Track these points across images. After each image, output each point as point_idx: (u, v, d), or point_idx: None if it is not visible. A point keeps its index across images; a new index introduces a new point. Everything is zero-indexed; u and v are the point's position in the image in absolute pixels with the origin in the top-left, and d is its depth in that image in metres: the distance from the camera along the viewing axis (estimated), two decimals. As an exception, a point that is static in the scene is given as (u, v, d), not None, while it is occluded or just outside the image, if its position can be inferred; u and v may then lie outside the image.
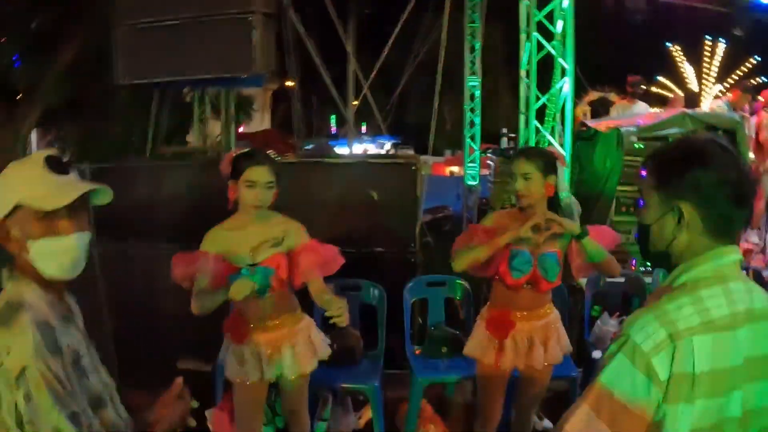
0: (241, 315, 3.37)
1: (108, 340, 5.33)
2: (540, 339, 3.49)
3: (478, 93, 12.62)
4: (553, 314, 3.59)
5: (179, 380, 2.08)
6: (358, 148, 17.70)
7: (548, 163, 3.35)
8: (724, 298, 1.57)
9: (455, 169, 20.11)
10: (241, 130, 18.26)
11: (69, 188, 1.78)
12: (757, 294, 1.65)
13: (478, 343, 3.59)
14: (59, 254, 1.79)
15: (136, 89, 9.26)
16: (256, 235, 3.24)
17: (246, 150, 3.22)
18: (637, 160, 5.90)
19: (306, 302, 3.52)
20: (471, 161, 13.05)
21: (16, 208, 1.75)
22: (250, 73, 5.53)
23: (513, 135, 10.07)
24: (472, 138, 12.96)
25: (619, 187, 5.82)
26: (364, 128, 27.11)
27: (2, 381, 1.59)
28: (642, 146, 5.89)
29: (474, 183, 12.88)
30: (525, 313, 3.48)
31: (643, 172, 1.71)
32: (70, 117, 9.12)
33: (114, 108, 9.49)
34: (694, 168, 1.59)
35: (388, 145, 22.94)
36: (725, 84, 21.51)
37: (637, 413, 1.50)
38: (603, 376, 1.54)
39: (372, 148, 22.37)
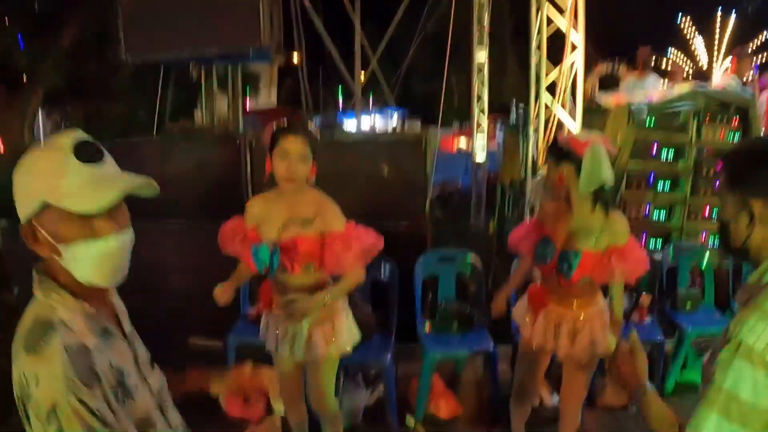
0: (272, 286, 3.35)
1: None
2: (568, 329, 3.40)
3: (485, 66, 12.50)
4: (591, 310, 3.41)
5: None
6: (366, 121, 17.64)
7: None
8: None
9: (463, 144, 20.04)
10: (248, 107, 18.25)
11: (105, 185, 1.53)
12: None
13: (520, 312, 3.64)
14: (98, 259, 1.55)
15: (141, 66, 9.25)
16: (286, 212, 3.13)
17: (281, 123, 3.09)
18: (648, 135, 5.87)
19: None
20: (479, 135, 12.96)
21: (44, 207, 1.49)
22: (258, 47, 5.49)
23: (521, 109, 9.98)
24: (481, 111, 12.86)
25: (630, 163, 5.77)
26: (371, 100, 27.02)
27: (32, 413, 1.43)
28: (653, 122, 5.83)
29: (482, 157, 12.80)
30: (556, 298, 3.44)
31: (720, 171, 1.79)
32: (75, 96, 9.07)
33: (119, 86, 9.44)
34: (763, 167, 1.66)
35: (396, 117, 22.86)
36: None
37: (764, 409, 1.58)
38: (726, 382, 1.60)
39: (380, 120, 22.30)
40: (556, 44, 5.96)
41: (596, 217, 3.24)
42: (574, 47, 5.78)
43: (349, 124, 16.01)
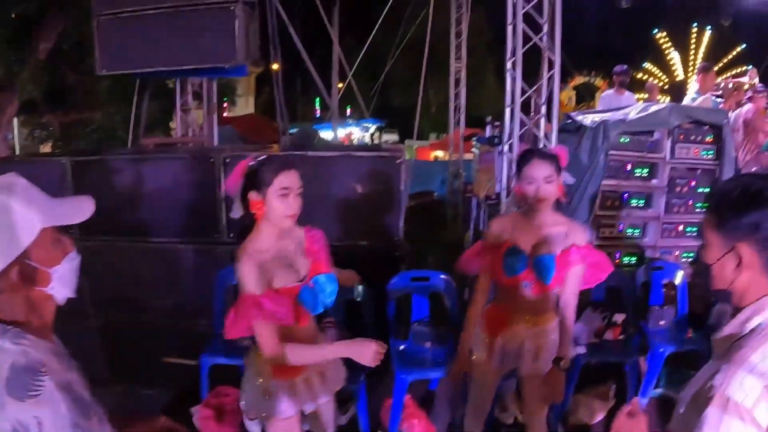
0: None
1: (93, 335, 5.32)
2: (532, 345, 3.46)
3: (463, 78, 12.57)
4: (552, 323, 3.51)
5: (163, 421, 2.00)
6: (342, 132, 17.67)
7: (559, 163, 3.36)
8: None
9: (439, 153, 20.08)
10: (225, 114, 18.19)
11: (74, 199, 1.75)
12: None
13: (474, 337, 3.62)
14: (74, 272, 1.73)
15: (118, 77, 9.19)
16: (294, 246, 2.97)
17: (263, 156, 2.83)
18: (623, 154, 5.91)
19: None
20: (456, 146, 13.03)
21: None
22: (233, 63, 5.49)
23: (498, 123, 10.03)
24: (457, 122, 12.93)
25: (604, 182, 5.81)
26: (348, 111, 27.06)
27: None
28: (628, 140, 5.88)
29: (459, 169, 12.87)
30: (522, 316, 3.47)
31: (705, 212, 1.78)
32: (50, 107, 9.00)
33: (95, 98, 9.38)
34: (752, 210, 1.61)
35: (372, 129, 22.88)
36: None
37: None
38: None
39: (357, 132, 22.31)
40: (533, 61, 6.00)
41: (561, 222, 3.40)
42: (550, 64, 5.81)
43: (326, 136, 15.99)
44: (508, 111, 5.83)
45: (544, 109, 5.85)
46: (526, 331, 3.46)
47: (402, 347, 4.63)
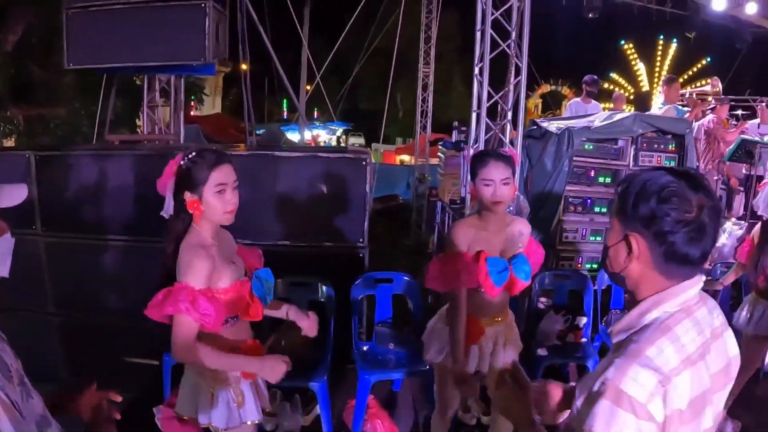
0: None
1: (55, 333, 5.26)
2: (502, 341, 3.53)
3: (431, 83, 12.65)
4: (511, 315, 3.66)
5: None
6: (308, 134, 17.64)
7: (514, 165, 3.37)
8: (694, 329, 1.64)
9: (406, 158, 20.15)
10: (192, 113, 18.06)
11: (4, 188, 1.71)
12: (714, 311, 1.74)
13: (441, 350, 3.57)
14: (6, 254, 1.73)
15: (84, 73, 9.08)
16: (230, 247, 2.88)
17: (193, 152, 2.66)
18: (587, 160, 6.01)
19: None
20: (422, 151, 13.11)
21: None
22: (202, 62, 5.45)
23: (464, 128, 10.10)
24: (424, 127, 13.00)
25: (568, 187, 5.90)
26: (316, 113, 27.03)
27: None
28: (592, 147, 5.98)
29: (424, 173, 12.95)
30: (493, 318, 3.51)
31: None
32: (16, 102, 8.86)
33: (61, 93, 9.26)
34: (650, 204, 1.60)
35: (339, 132, 22.88)
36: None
37: None
38: None
39: (323, 134, 22.29)
40: (501, 67, 6.06)
41: (513, 219, 3.50)
42: (518, 71, 5.88)
43: (293, 138, 15.96)
44: (474, 115, 5.88)
45: (510, 115, 5.90)
46: (497, 329, 3.52)
47: (365, 348, 4.65)
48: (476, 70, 5.86)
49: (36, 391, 1.69)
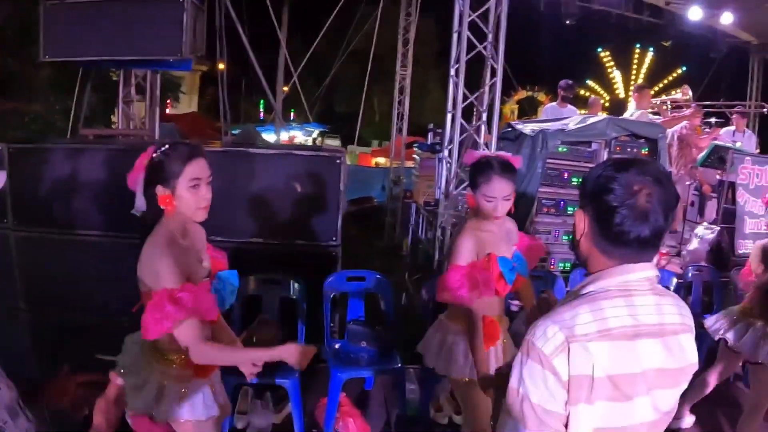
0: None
1: (25, 330, 5.19)
2: (506, 338, 3.55)
3: (408, 86, 12.70)
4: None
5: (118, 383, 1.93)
6: (285, 135, 17.61)
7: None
8: (626, 310, 1.67)
9: (381, 160, 20.18)
10: (168, 111, 17.94)
11: None
12: (669, 308, 1.75)
13: (465, 364, 3.38)
14: None
15: (60, 67, 9.01)
16: (200, 244, 2.79)
17: (167, 145, 2.56)
18: (561, 162, 6.06)
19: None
20: (397, 153, 13.14)
21: None
22: (179, 57, 5.43)
23: (439, 130, 10.16)
24: (400, 130, 13.04)
25: (541, 189, 5.95)
26: (292, 115, 26.94)
27: None
28: (566, 149, 6.03)
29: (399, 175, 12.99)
30: (500, 318, 3.50)
31: None
32: (-11, 93, 8.77)
33: (36, 87, 9.15)
34: (600, 183, 1.68)
35: (315, 133, 22.84)
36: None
37: (555, 412, 1.63)
38: (520, 386, 1.65)
39: (299, 136, 22.21)
40: (476, 69, 6.11)
41: (506, 220, 3.45)
42: (493, 72, 5.92)
43: (269, 138, 15.92)
44: (449, 116, 5.92)
45: (485, 117, 5.95)
46: (503, 329, 3.51)
47: (337, 346, 4.65)
48: (452, 71, 5.90)
49: (7, 382, 1.66)
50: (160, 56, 5.45)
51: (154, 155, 2.53)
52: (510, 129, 6.47)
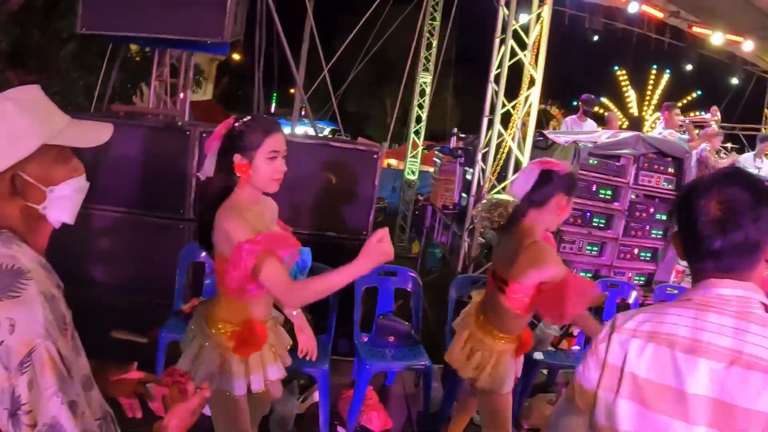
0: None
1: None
2: None
3: (428, 89, 12.71)
4: None
5: (205, 395, 1.89)
6: (299, 130, 17.56)
7: None
8: (690, 321, 1.55)
9: (393, 161, 20.18)
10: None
11: (90, 124, 1.64)
12: (755, 338, 1.49)
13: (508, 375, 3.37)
14: (78, 195, 1.62)
15: (85, 43, 8.95)
16: (269, 214, 2.85)
17: (248, 117, 2.62)
18: (590, 174, 6.06)
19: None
20: (413, 156, 13.15)
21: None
22: (220, 40, 5.38)
23: (462, 135, 10.13)
24: (417, 133, 13.05)
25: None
26: (303, 111, 26.79)
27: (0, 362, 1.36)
28: (596, 162, 6.04)
29: (413, 177, 12.98)
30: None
31: None
32: (14, 65, 8.65)
33: (61, 61, 9.08)
34: (683, 199, 1.65)
35: (326, 131, 22.82)
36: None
37: (588, 391, 1.69)
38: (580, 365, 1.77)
39: (311, 133, 22.14)
40: (509, 78, 6.11)
41: None
42: (532, 82, 5.92)
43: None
44: (485, 121, 5.90)
45: (519, 124, 5.95)
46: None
47: (365, 339, 4.63)
48: (491, 77, 5.89)
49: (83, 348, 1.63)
50: (201, 38, 5.39)
51: (236, 125, 2.58)
52: (541, 138, 6.47)
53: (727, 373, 1.46)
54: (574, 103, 9.86)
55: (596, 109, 22.34)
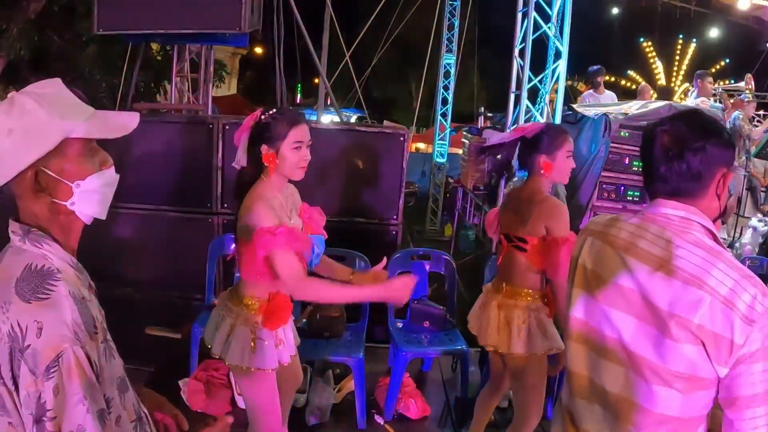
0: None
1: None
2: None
3: (453, 71, 12.59)
4: None
5: (228, 421, 1.85)
6: (325, 119, 17.57)
7: None
8: (633, 228, 1.81)
9: (421, 145, 20.09)
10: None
11: (115, 114, 1.57)
12: (681, 252, 1.70)
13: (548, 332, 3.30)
14: (107, 189, 1.56)
15: (107, 45, 8.99)
16: (291, 201, 2.97)
17: (274, 109, 2.77)
18: (622, 147, 5.92)
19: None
20: (441, 138, 13.04)
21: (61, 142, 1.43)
22: (237, 31, 5.33)
23: (490, 114, 10.00)
24: (444, 115, 12.94)
25: (603, 173, 5.82)
26: (329, 100, 26.78)
27: (27, 366, 1.31)
28: (627, 134, 5.90)
29: (442, 160, 12.88)
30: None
31: None
32: (36, 69, 8.69)
33: (82, 63, 9.13)
34: (646, 131, 1.86)
35: (353, 119, 22.81)
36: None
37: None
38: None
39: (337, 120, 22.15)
40: (535, 53, 5.99)
41: None
42: (557, 54, 5.79)
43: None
44: (512, 96, 5.79)
45: (547, 99, 5.83)
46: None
47: (400, 325, 4.56)
48: (516, 52, 5.77)
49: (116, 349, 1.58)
50: (218, 29, 5.35)
51: (263, 117, 2.73)
52: (570, 112, 6.34)
53: (652, 276, 1.69)
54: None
55: (623, 82, 22.16)
